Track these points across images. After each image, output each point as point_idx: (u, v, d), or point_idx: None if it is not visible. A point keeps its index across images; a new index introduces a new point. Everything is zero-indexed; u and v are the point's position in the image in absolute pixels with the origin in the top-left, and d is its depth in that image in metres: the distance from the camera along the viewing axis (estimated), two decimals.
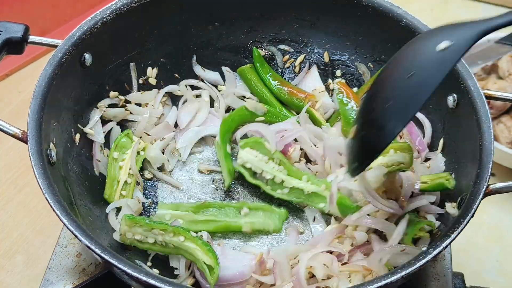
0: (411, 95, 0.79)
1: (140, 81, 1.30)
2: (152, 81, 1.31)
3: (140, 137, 1.26)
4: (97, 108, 1.22)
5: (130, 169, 1.21)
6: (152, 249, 1.09)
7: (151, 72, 1.31)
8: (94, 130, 1.20)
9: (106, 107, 1.23)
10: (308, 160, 1.25)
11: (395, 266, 1.04)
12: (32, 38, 1.12)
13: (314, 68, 1.37)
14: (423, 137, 1.22)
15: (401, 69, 0.83)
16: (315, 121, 1.29)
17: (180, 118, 1.31)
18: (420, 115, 1.23)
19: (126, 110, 1.27)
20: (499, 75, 1.60)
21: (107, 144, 1.23)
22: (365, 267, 1.04)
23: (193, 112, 1.32)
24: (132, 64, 1.27)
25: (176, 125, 1.32)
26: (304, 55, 1.38)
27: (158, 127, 1.28)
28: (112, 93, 1.24)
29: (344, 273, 1.04)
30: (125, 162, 1.21)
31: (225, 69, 1.36)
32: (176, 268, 1.10)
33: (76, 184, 1.10)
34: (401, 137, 1.23)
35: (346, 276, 1.03)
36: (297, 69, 1.39)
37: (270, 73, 1.35)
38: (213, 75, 1.37)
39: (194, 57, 1.35)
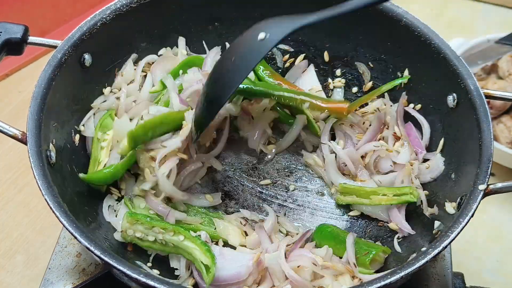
0: (235, 72, 1.02)
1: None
2: None
3: None
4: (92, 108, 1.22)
5: (110, 150, 1.17)
6: (152, 247, 1.09)
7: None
8: (86, 125, 1.18)
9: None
10: None
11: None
12: (31, 38, 1.12)
13: (311, 68, 1.37)
14: (421, 138, 1.22)
15: (231, 54, 1.05)
16: (310, 122, 1.28)
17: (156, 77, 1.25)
18: (419, 116, 1.23)
19: (117, 99, 1.22)
20: (499, 75, 1.60)
21: None
22: (348, 268, 1.06)
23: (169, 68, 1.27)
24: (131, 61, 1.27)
25: None
26: (304, 54, 1.38)
27: (138, 105, 1.21)
28: (105, 90, 1.23)
29: (330, 271, 1.05)
30: (106, 143, 1.18)
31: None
32: (177, 269, 1.10)
33: (76, 184, 1.10)
34: (399, 139, 1.23)
35: (331, 275, 1.04)
36: None
37: (261, 63, 1.33)
38: None
39: None
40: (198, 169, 1.23)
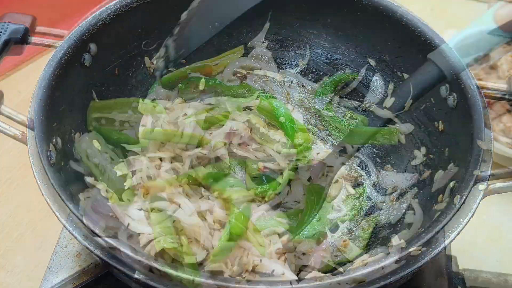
0: None
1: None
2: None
3: None
4: None
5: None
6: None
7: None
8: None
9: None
10: None
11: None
12: (39, 28, 1.15)
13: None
14: None
15: None
16: None
17: None
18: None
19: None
20: (499, 75, 1.60)
21: None
22: None
23: None
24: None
25: None
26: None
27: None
28: None
29: None
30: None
31: None
32: None
33: (76, 184, 1.10)
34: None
35: None
36: None
37: None
38: None
39: None
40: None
